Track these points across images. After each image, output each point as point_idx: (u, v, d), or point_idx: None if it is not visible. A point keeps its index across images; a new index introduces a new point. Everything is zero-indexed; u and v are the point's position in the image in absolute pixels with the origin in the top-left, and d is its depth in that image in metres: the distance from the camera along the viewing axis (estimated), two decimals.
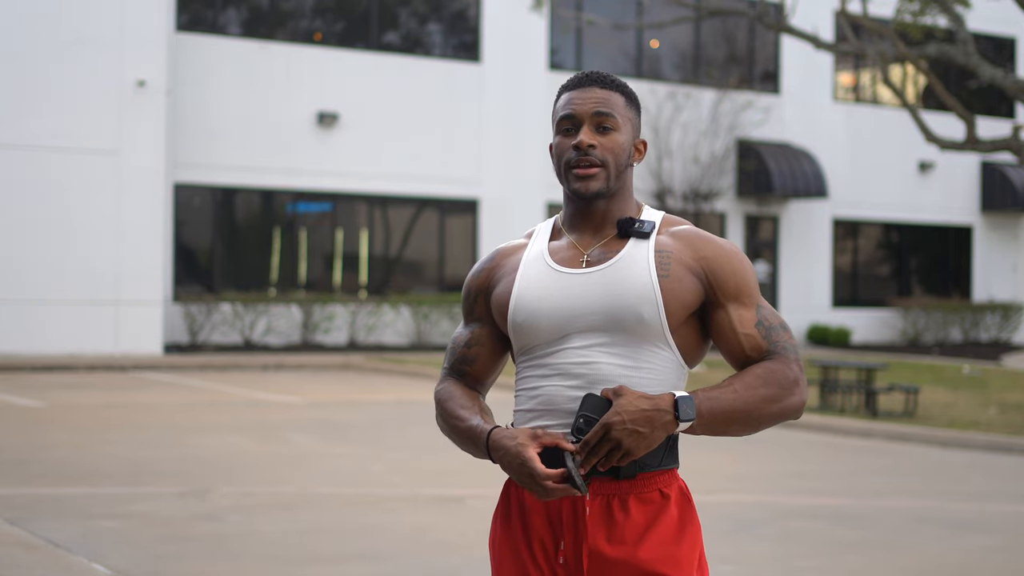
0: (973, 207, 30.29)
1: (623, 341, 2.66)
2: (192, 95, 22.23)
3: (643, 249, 2.70)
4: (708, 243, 2.73)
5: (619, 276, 2.68)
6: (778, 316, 2.75)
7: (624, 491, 2.65)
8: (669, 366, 2.69)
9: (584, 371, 2.66)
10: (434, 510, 8.80)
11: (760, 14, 17.73)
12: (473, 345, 2.85)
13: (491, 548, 2.81)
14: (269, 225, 23.49)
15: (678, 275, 2.68)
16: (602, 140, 2.72)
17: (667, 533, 2.66)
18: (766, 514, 8.74)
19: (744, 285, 2.72)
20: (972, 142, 16.50)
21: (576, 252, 2.75)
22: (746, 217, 27.38)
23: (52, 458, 10.60)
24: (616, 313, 2.66)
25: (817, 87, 28.25)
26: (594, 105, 2.73)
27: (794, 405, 2.68)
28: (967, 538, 8.24)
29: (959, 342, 28.55)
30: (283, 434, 12.53)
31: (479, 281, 2.86)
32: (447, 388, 2.85)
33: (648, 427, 2.56)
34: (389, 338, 23.67)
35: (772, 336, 2.71)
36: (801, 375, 2.70)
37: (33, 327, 20.43)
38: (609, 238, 2.75)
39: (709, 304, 2.71)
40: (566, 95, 2.78)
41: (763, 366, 2.68)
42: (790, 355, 2.70)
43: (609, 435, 2.56)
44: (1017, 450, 12.56)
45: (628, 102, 2.78)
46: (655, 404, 2.57)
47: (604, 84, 2.77)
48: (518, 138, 24.74)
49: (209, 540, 7.64)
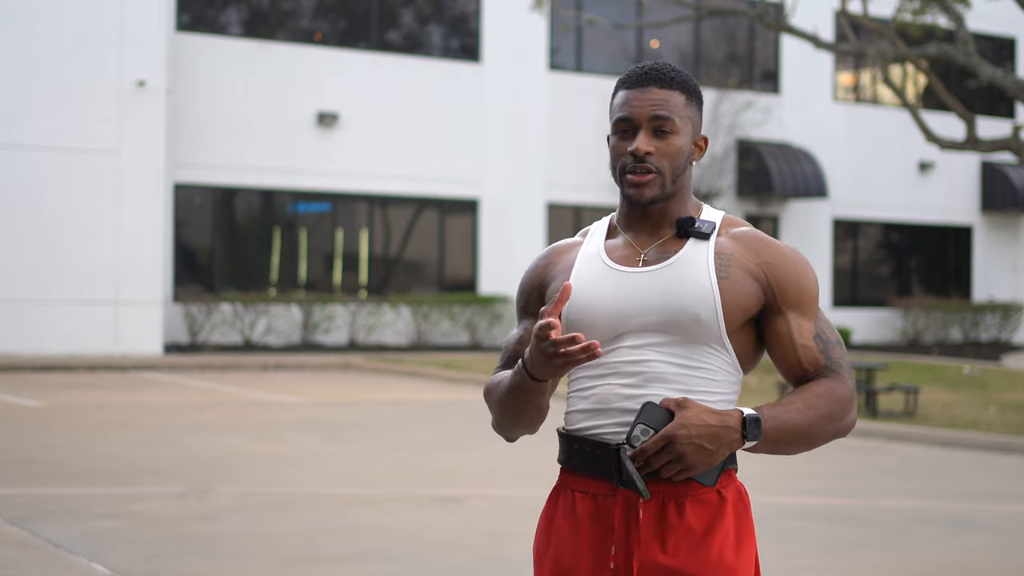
0: (973, 207, 30.28)
1: (678, 341, 2.59)
2: (192, 95, 22.23)
3: (702, 250, 2.63)
4: (771, 248, 2.66)
5: (677, 276, 2.61)
6: (835, 331, 2.69)
7: (681, 493, 2.56)
8: (725, 368, 2.62)
9: (639, 369, 2.59)
10: (434, 510, 8.79)
11: (760, 14, 17.73)
12: (526, 343, 2.71)
13: (535, 554, 2.72)
14: (269, 225, 23.49)
15: (738, 278, 2.61)
16: (659, 145, 2.62)
17: (724, 541, 2.57)
18: (766, 514, 8.74)
19: (806, 294, 2.65)
20: (972, 142, 16.50)
21: (633, 251, 2.67)
22: (746, 217, 27.36)
23: (52, 458, 10.60)
24: (672, 313, 2.58)
25: (817, 87, 28.25)
26: (652, 108, 2.62)
27: (848, 425, 2.64)
28: (967, 538, 8.24)
29: (959, 342, 28.55)
30: (283, 434, 12.52)
31: (534, 278, 2.78)
32: (493, 377, 2.73)
33: (714, 444, 2.49)
34: (389, 338, 23.67)
35: (829, 351, 2.65)
36: (855, 395, 2.66)
37: (33, 327, 20.42)
38: (667, 237, 2.67)
39: (768, 310, 2.64)
40: (624, 93, 2.67)
41: (823, 384, 2.61)
42: (845, 373, 2.65)
43: (672, 447, 2.47)
44: (1017, 450, 12.55)
45: (688, 100, 2.66)
46: (723, 421, 2.49)
47: (663, 82, 2.64)
48: (518, 138, 24.74)
49: (209, 540, 7.64)
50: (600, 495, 2.61)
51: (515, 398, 2.62)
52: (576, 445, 2.64)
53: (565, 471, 2.68)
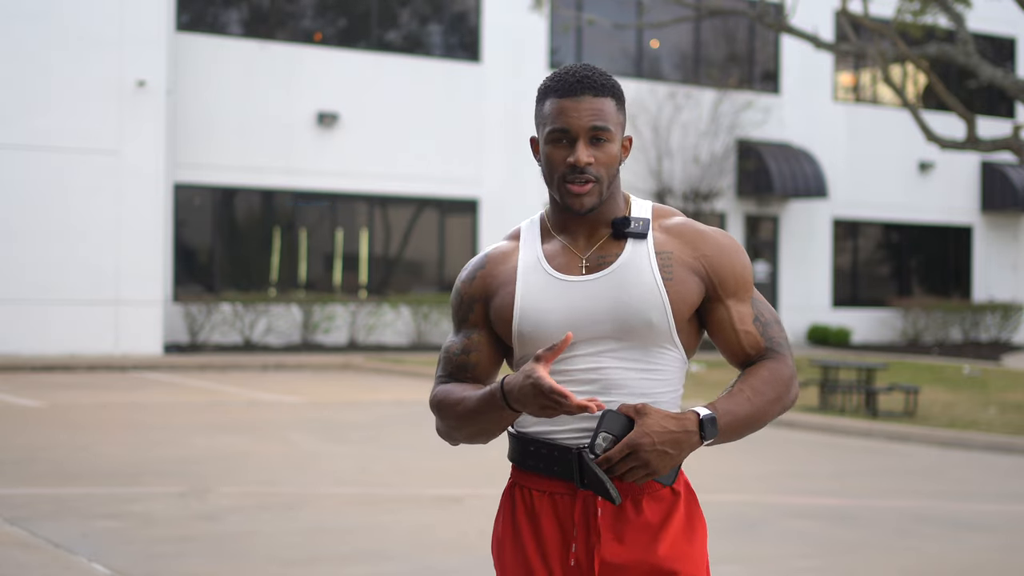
0: (973, 207, 30.28)
1: (632, 345, 2.64)
2: (192, 95, 22.23)
3: (643, 251, 2.67)
4: (707, 239, 2.71)
5: (623, 282, 2.64)
6: (771, 309, 2.77)
7: (637, 491, 2.65)
8: (675, 365, 2.69)
9: (595, 377, 2.64)
10: (434, 510, 8.79)
11: (760, 14, 17.73)
12: (472, 352, 2.75)
13: (495, 552, 2.77)
14: (269, 225, 23.49)
15: (681, 276, 2.66)
16: (597, 154, 2.64)
17: (679, 530, 2.67)
18: (766, 514, 8.74)
19: (743, 281, 2.72)
20: (972, 142, 16.50)
21: (573, 257, 2.69)
22: (746, 217, 27.38)
23: (52, 458, 10.60)
24: (625, 320, 2.63)
25: (817, 87, 28.25)
26: (590, 119, 2.64)
27: (792, 400, 2.74)
28: (967, 538, 8.24)
29: (959, 342, 28.55)
30: (283, 434, 12.52)
31: (474, 288, 2.78)
32: (443, 387, 2.75)
33: (676, 449, 2.55)
34: (389, 338, 23.67)
35: (768, 332, 2.73)
36: (795, 370, 2.74)
37: (33, 327, 20.43)
38: (604, 239, 2.70)
39: (708, 300, 2.71)
40: (557, 101, 2.66)
41: (766, 367, 2.69)
42: (785, 351, 2.74)
43: (636, 455, 2.53)
44: (1017, 450, 12.55)
45: (618, 105, 2.70)
46: (683, 425, 2.55)
47: (596, 90, 2.66)
48: (518, 138, 24.73)
49: (209, 540, 7.64)
50: (558, 494, 2.67)
51: (485, 420, 2.65)
52: (532, 447, 2.69)
53: (519, 469, 2.73)
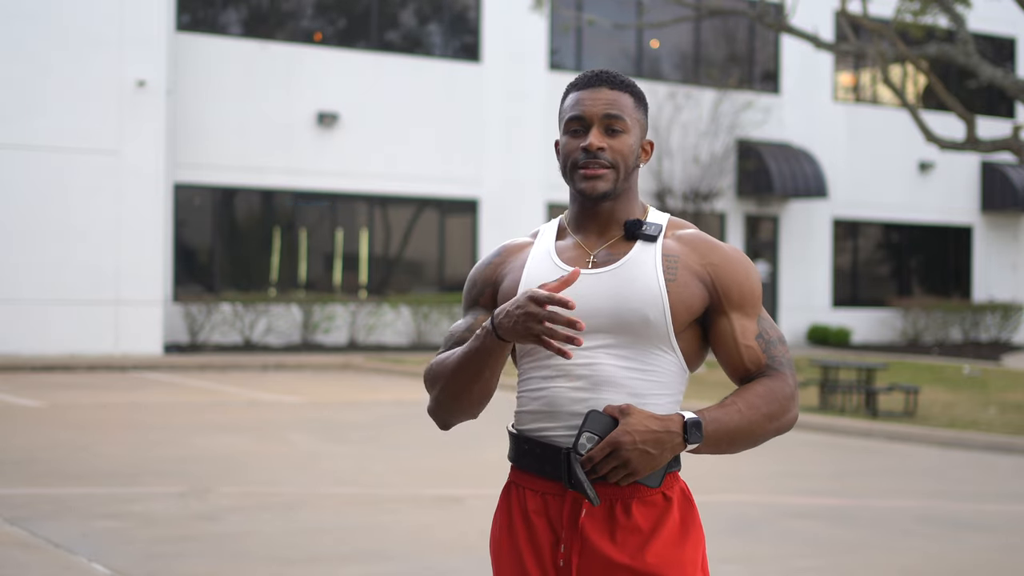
0: (973, 207, 30.28)
1: (628, 343, 2.65)
2: (192, 95, 22.23)
3: (650, 252, 2.70)
4: (715, 249, 2.73)
5: (626, 278, 2.67)
6: (777, 329, 2.77)
7: (627, 495, 2.64)
8: (672, 369, 2.68)
9: (587, 372, 2.65)
10: (434, 510, 8.80)
11: (760, 14, 17.73)
12: (476, 330, 2.73)
13: (492, 550, 2.79)
14: (269, 225, 23.49)
15: (684, 280, 2.68)
16: (612, 143, 2.70)
17: (670, 536, 2.65)
18: (766, 514, 8.74)
19: (749, 295, 2.72)
20: (972, 142, 16.50)
21: (582, 252, 2.74)
22: (746, 217, 27.38)
23: (52, 458, 10.60)
24: (622, 315, 2.65)
25: (817, 87, 28.25)
26: (604, 107, 2.70)
27: (790, 421, 2.72)
28: (967, 538, 8.24)
29: (959, 342, 28.55)
30: (283, 434, 12.53)
31: (486, 274, 2.83)
32: (437, 358, 2.76)
33: (658, 448, 2.56)
34: (389, 338, 23.67)
35: (771, 350, 2.72)
36: (796, 391, 2.73)
37: (33, 327, 20.43)
38: (615, 239, 2.74)
39: (712, 311, 2.71)
40: (575, 94, 2.74)
41: (763, 384, 2.69)
42: (787, 371, 2.72)
43: (617, 454, 2.55)
44: (1017, 450, 12.56)
45: (637, 103, 2.75)
46: (665, 426, 2.57)
47: (614, 84, 2.73)
48: (518, 138, 24.74)
49: (209, 540, 7.64)
50: (549, 494, 2.69)
51: (473, 362, 2.64)
52: (526, 446, 2.71)
53: (516, 469, 2.76)
